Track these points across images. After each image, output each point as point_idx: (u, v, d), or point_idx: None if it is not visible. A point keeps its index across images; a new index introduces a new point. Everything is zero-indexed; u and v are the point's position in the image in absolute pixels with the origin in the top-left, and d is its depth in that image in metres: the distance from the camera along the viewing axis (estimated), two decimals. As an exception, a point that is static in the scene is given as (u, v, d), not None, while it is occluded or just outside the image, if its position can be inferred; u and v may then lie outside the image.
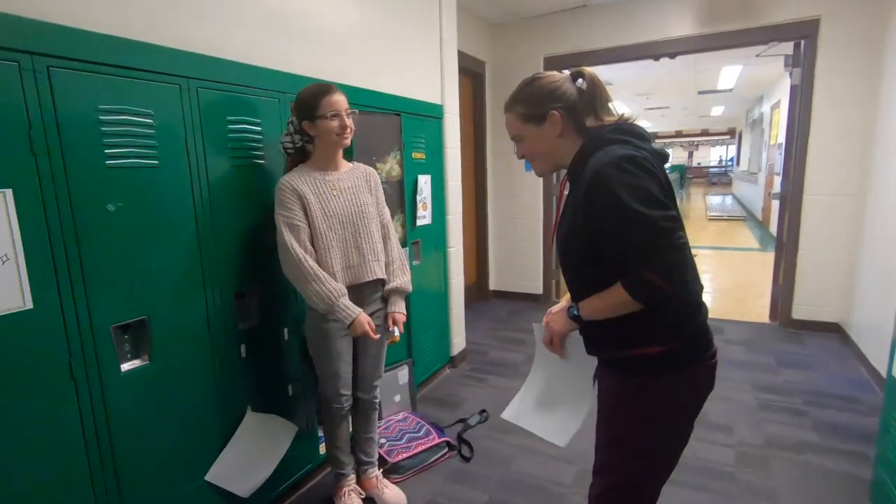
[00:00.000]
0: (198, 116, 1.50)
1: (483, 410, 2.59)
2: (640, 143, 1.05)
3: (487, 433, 2.43)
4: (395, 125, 2.43)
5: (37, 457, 1.17)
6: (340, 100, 1.63)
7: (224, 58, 1.60)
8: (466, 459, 2.21)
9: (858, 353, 3.14)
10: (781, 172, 3.89)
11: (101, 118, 1.26)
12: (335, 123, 1.62)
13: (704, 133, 20.93)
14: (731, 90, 8.75)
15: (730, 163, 21.80)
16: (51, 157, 1.16)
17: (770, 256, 4.59)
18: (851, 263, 3.41)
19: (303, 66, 1.92)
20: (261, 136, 1.72)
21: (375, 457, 1.99)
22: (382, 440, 2.20)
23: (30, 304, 1.13)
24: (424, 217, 2.74)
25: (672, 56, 3.90)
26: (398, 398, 2.49)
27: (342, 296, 1.62)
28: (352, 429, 1.93)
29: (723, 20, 3.60)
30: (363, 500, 1.91)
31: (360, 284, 1.74)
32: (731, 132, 18.77)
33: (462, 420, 2.51)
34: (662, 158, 1.08)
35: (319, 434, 2.04)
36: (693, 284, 1.01)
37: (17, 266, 1.11)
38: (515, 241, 4.66)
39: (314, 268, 1.59)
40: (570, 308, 1.13)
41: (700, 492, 1.96)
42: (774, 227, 4.30)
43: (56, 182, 1.18)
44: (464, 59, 3.91)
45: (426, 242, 2.78)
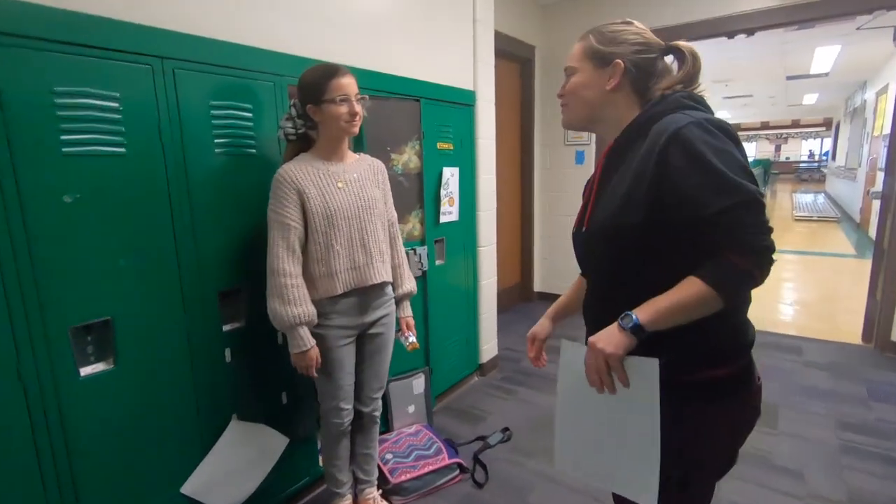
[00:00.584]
0: (174, 100, 1.37)
1: (506, 429, 2.34)
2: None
3: (507, 455, 2.18)
4: (414, 112, 2.22)
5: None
6: (350, 83, 1.47)
7: (206, 36, 1.46)
8: (479, 485, 1.98)
9: (980, 390, 2.56)
10: (885, 168, 3.29)
11: (57, 101, 1.16)
12: (343, 109, 1.46)
13: (795, 124, 19.09)
14: (827, 74, 7.76)
15: (823, 157, 19.72)
16: (-7, 143, 1.07)
17: (867, 264, 3.91)
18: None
19: (301, 46, 1.74)
20: (251, 124, 1.58)
21: (374, 475, 1.82)
22: (389, 455, 2.02)
23: (-32, 303, 1.05)
24: (450, 213, 2.52)
25: (749, 33, 3.39)
26: (412, 409, 2.30)
27: (301, 325, 1.46)
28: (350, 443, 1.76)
29: (814, -13, 3.06)
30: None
31: (366, 288, 1.58)
32: (827, 123, 16.95)
33: (482, 437, 2.28)
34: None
35: (319, 444, 1.89)
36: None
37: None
38: (562, 240, 4.32)
39: (286, 284, 1.44)
40: (624, 318, 0.83)
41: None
42: (874, 231, 3.67)
43: (2, 170, 1.09)
44: (510, 44, 3.64)
45: (452, 241, 2.56)
